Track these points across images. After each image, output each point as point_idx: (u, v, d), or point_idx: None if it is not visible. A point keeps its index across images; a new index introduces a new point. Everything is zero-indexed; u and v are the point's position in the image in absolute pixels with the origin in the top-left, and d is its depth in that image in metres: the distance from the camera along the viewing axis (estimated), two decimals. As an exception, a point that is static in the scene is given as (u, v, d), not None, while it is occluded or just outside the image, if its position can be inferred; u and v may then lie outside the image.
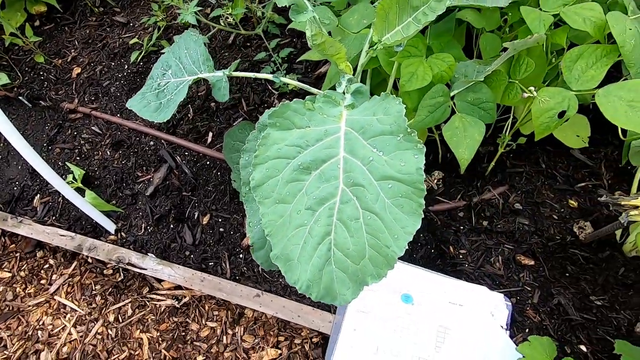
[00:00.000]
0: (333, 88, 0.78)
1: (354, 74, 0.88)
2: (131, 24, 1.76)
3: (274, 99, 1.47)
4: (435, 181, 1.24)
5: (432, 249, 1.17)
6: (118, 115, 1.54)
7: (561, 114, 0.87)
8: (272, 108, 0.59)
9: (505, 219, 1.16)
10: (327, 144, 0.57)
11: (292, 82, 0.96)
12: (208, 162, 1.40)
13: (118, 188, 1.42)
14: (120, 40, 1.73)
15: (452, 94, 0.92)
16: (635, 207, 0.72)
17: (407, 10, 0.71)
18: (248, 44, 1.59)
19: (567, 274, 1.07)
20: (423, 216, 0.51)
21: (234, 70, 1.00)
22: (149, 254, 1.29)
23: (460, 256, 1.14)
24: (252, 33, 1.52)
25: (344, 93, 0.70)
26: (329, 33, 1.07)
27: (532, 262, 1.10)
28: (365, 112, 0.58)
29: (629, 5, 0.88)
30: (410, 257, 1.18)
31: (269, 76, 0.98)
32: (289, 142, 0.57)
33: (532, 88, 0.89)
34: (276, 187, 0.56)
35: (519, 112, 1.10)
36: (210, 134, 1.44)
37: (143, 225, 1.35)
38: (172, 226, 1.34)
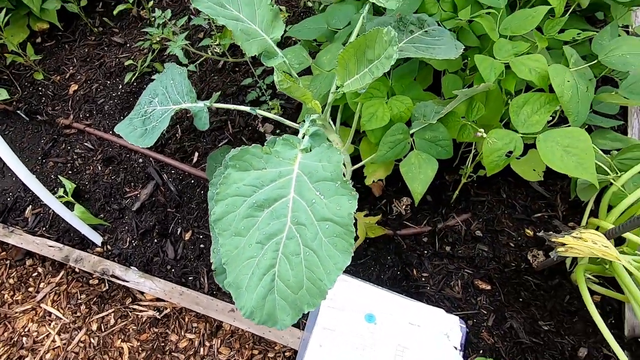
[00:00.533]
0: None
1: (323, 110, 0.97)
2: (128, 45, 1.86)
3: (258, 122, 1.56)
4: (404, 207, 1.32)
5: (398, 271, 1.25)
6: (110, 132, 1.62)
7: (509, 154, 0.96)
8: (233, 150, 0.67)
9: (467, 245, 1.24)
10: (280, 184, 0.65)
11: (266, 114, 1.04)
12: (193, 181, 1.48)
13: (106, 202, 1.49)
14: (117, 60, 1.82)
15: (411, 131, 1.00)
16: (562, 244, 0.80)
17: (363, 62, 0.80)
18: (237, 69, 1.69)
19: (520, 299, 1.14)
20: (352, 254, 0.58)
21: (214, 102, 1.09)
22: (131, 267, 1.36)
23: (423, 279, 1.21)
24: (240, 60, 1.62)
25: (304, 134, 0.79)
26: (308, 68, 1.16)
27: (489, 287, 1.17)
28: (315, 157, 0.67)
29: (571, 58, 0.98)
30: (378, 277, 1.26)
31: (247, 108, 1.06)
32: (247, 182, 0.65)
33: (482, 130, 0.97)
34: (234, 222, 0.64)
35: (480, 146, 1.19)
36: (196, 154, 1.52)
37: (128, 239, 1.42)
38: (155, 241, 1.41)
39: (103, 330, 1.38)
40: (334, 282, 0.56)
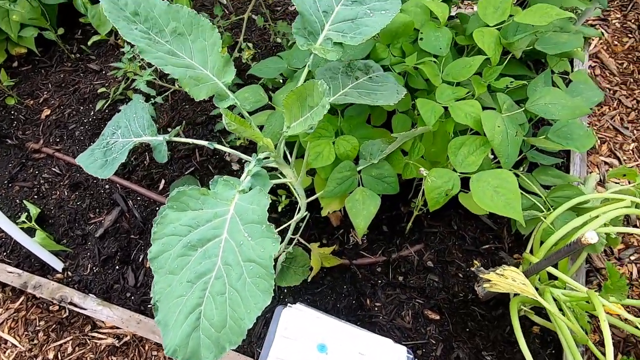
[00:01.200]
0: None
1: (276, 147, 1.02)
2: (103, 72, 1.91)
3: (227, 153, 1.61)
4: (360, 236, 1.36)
5: (353, 300, 1.28)
6: (79, 157, 1.64)
7: (448, 192, 1.02)
8: (172, 192, 0.71)
9: (419, 275, 1.29)
10: (214, 225, 0.70)
11: (223, 148, 1.09)
12: (158, 208, 1.50)
13: (70, 228, 1.50)
14: (92, 86, 1.86)
15: (359, 168, 1.06)
16: (488, 281, 0.86)
17: (306, 107, 0.86)
18: (207, 99, 1.74)
19: (467, 329, 1.19)
20: (273, 295, 0.62)
21: (174, 136, 1.13)
22: (90, 294, 1.36)
23: (376, 309, 1.25)
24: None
25: (247, 173, 0.83)
26: (270, 101, 1.22)
27: (438, 317, 1.22)
28: (248, 200, 0.71)
29: (504, 104, 1.06)
30: (334, 306, 1.29)
31: (204, 143, 1.11)
32: (183, 222, 0.69)
33: (422, 169, 1.04)
34: (168, 260, 0.67)
35: (429, 181, 1.25)
36: (163, 181, 1.56)
37: (89, 265, 1.43)
38: (117, 267, 1.42)
39: (60, 358, 1.37)
40: (253, 321, 0.60)
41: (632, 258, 1.52)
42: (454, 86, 1.12)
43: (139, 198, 1.53)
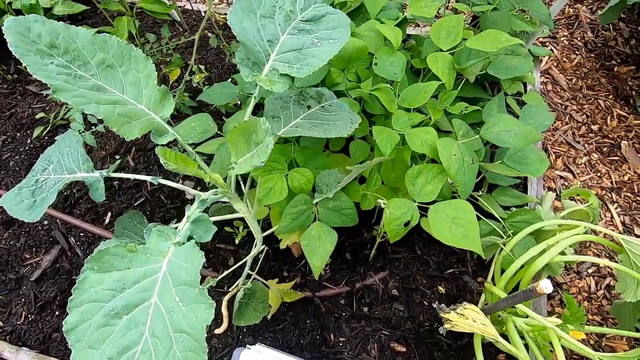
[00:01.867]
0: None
1: (226, 179, 0.95)
2: (43, 95, 1.76)
3: (179, 178, 1.51)
4: (317, 276, 1.30)
5: (317, 335, 1.22)
6: (14, 190, 1.49)
7: (407, 223, 0.99)
8: (94, 252, 0.63)
9: (384, 305, 1.24)
10: (143, 286, 0.61)
11: (169, 183, 1.00)
12: (103, 244, 1.38)
13: (2, 271, 1.34)
14: (30, 110, 1.71)
15: (315, 201, 1.01)
16: (449, 320, 0.82)
17: (251, 144, 0.80)
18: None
19: (434, 360, 1.15)
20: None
21: (112, 171, 1.03)
22: (24, 347, 1.21)
23: (341, 344, 1.19)
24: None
25: (187, 219, 0.76)
26: (218, 131, 1.15)
27: (405, 349, 1.17)
28: (182, 256, 0.64)
29: (459, 130, 1.05)
30: (297, 342, 1.21)
31: (148, 178, 1.02)
32: (106, 285, 0.61)
33: (383, 199, 1.00)
34: (88, 332, 0.58)
35: (391, 207, 1.22)
36: (109, 215, 1.43)
37: (24, 313, 1.28)
38: (56, 314, 1.28)
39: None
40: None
41: (590, 271, 1.56)
42: (410, 112, 1.10)
43: (82, 234, 1.40)
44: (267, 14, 0.86)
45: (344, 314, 1.23)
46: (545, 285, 0.66)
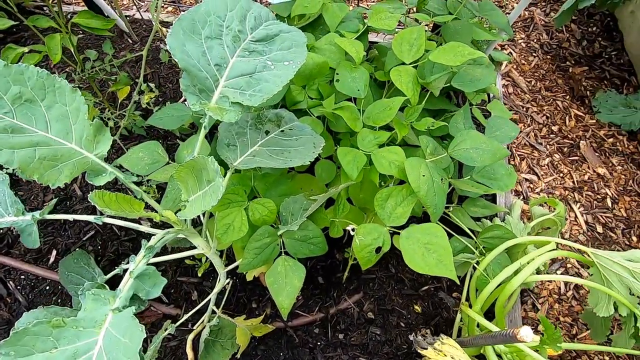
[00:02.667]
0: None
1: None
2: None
3: (133, 206, 1.39)
4: (286, 316, 1.23)
5: (292, 368, 1.15)
6: (-61, 231, 1.31)
7: (378, 249, 0.94)
8: (10, 334, 0.52)
9: (360, 330, 1.19)
10: (74, 369, 0.52)
11: (114, 222, 0.90)
12: (48, 287, 1.24)
13: None
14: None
15: (280, 232, 0.94)
16: (427, 357, 0.78)
17: (203, 182, 0.72)
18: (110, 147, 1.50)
19: (414, 385, 1.11)
20: None
21: (47, 213, 0.91)
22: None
23: (317, 376, 1.13)
24: (115, 138, 1.45)
25: (129, 276, 0.66)
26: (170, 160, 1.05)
27: (383, 376, 1.13)
28: (122, 326, 0.55)
29: (427, 148, 1.01)
30: (271, 378, 1.14)
31: (90, 218, 0.91)
32: (26, 373, 0.51)
33: (352, 225, 0.94)
34: None
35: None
36: (54, 252, 1.29)
37: (-45, 374, 1.12)
38: (-5, 371, 1.13)
39: None
40: None
41: (559, 272, 1.59)
42: (375, 130, 1.05)
43: (22, 277, 1.25)
44: (214, 35, 0.77)
45: (318, 343, 1.17)
46: (525, 334, 0.63)
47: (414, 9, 1.33)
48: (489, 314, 1.09)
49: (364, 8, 1.33)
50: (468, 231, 1.13)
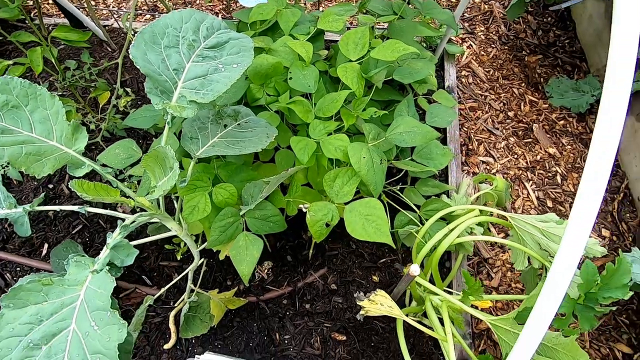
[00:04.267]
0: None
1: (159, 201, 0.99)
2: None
3: (119, 203, 1.52)
4: (266, 271, 1.38)
5: (265, 337, 1.29)
6: (-60, 232, 1.43)
7: (328, 224, 1.08)
8: (9, 290, 0.66)
9: (324, 300, 1.33)
10: (61, 316, 0.66)
11: (94, 210, 1.03)
12: (42, 276, 1.37)
13: None
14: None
15: (242, 212, 1.07)
16: (363, 307, 0.93)
17: (167, 168, 0.85)
18: (93, 147, 1.63)
19: (372, 344, 1.26)
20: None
21: (37, 205, 1.04)
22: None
23: (286, 341, 1.27)
24: (97, 140, 1.57)
25: (106, 247, 0.80)
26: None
27: (345, 338, 1.27)
28: (97, 283, 0.68)
29: (369, 134, 1.15)
30: (246, 346, 1.28)
31: (75, 208, 1.04)
32: (23, 320, 0.64)
33: (304, 203, 1.09)
34: (8, 366, 0.62)
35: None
36: (46, 245, 1.42)
37: (-38, 356, 1.25)
38: (-2, 352, 1.26)
39: None
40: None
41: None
42: (326, 120, 1.19)
43: (18, 269, 1.38)
44: (171, 44, 0.91)
45: (287, 313, 1.31)
46: (414, 270, 0.78)
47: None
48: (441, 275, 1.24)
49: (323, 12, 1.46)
50: (414, 207, 1.27)
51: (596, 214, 0.58)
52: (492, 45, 2.42)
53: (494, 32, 2.49)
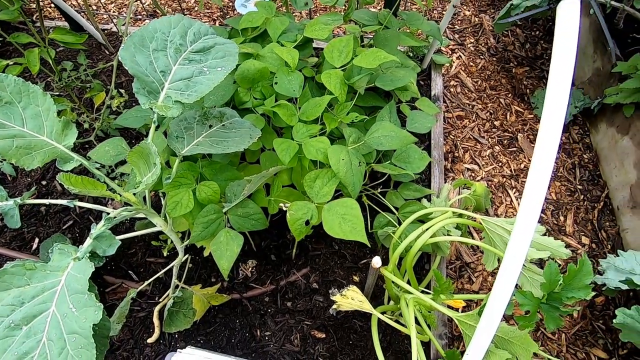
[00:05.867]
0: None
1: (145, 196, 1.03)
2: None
3: (108, 199, 1.56)
4: (250, 269, 1.42)
5: (246, 333, 1.32)
6: None
7: (307, 222, 1.12)
8: (-8, 273, 0.70)
9: (305, 298, 1.37)
10: (42, 299, 0.69)
11: (82, 204, 1.07)
12: (31, 270, 1.40)
13: None
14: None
15: (225, 210, 1.12)
16: (336, 302, 0.96)
17: (151, 164, 0.90)
18: (86, 146, 1.68)
19: (350, 342, 1.29)
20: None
21: (27, 199, 1.09)
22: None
23: (267, 338, 1.30)
24: (91, 139, 1.62)
25: (90, 237, 0.84)
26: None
27: (324, 335, 1.31)
28: (78, 269, 0.73)
29: (350, 137, 1.20)
30: (229, 342, 1.31)
31: (64, 202, 1.08)
32: (6, 301, 0.68)
33: (285, 202, 1.13)
34: (-11, 345, 0.65)
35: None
36: (37, 240, 1.46)
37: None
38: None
39: None
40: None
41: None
42: (309, 124, 1.24)
43: (9, 262, 1.41)
44: (159, 48, 0.96)
45: (269, 310, 1.35)
46: (375, 262, 0.82)
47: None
48: (416, 277, 1.27)
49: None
50: (393, 209, 1.32)
51: (537, 217, 0.63)
52: (481, 57, 2.49)
53: (483, 44, 2.56)
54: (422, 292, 1.22)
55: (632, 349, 1.47)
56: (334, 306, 0.94)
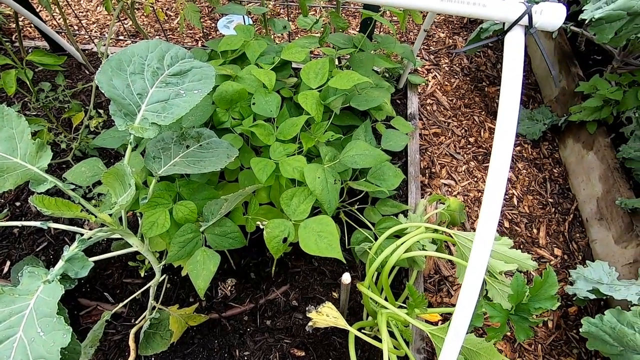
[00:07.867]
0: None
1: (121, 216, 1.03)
2: None
3: (84, 219, 1.54)
4: (229, 288, 1.41)
5: (225, 354, 1.30)
6: None
7: (285, 240, 1.14)
8: (-43, 298, 0.69)
9: (284, 316, 1.37)
10: (9, 324, 0.69)
11: (55, 226, 1.06)
12: (2, 294, 1.36)
13: None
14: None
15: (202, 229, 1.12)
16: (312, 319, 0.97)
17: (126, 185, 0.91)
18: (64, 166, 1.67)
19: (330, 359, 1.29)
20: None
21: (1, 219, 1.07)
22: None
23: (245, 358, 1.29)
24: (68, 159, 1.61)
25: (62, 259, 0.84)
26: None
27: (304, 353, 1.30)
28: (47, 292, 0.72)
29: (326, 156, 1.24)
30: (207, 363, 1.29)
31: (36, 224, 1.07)
32: (-30, 328, 0.67)
33: (262, 220, 1.14)
34: (-48, 373, 0.64)
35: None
36: (8, 263, 1.42)
37: None
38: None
39: None
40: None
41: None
42: (286, 143, 1.27)
43: (-23, 286, 1.37)
44: (137, 71, 0.98)
45: (248, 329, 1.34)
46: (345, 278, 0.84)
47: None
48: (395, 292, 1.29)
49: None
50: (370, 225, 1.35)
51: (494, 231, 0.66)
52: (455, 76, 2.60)
53: (457, 65, 2.68)
54: (400, 307, 1.24)
55: (604, 357, 1.51)
56: (310, 323, 0.95)
